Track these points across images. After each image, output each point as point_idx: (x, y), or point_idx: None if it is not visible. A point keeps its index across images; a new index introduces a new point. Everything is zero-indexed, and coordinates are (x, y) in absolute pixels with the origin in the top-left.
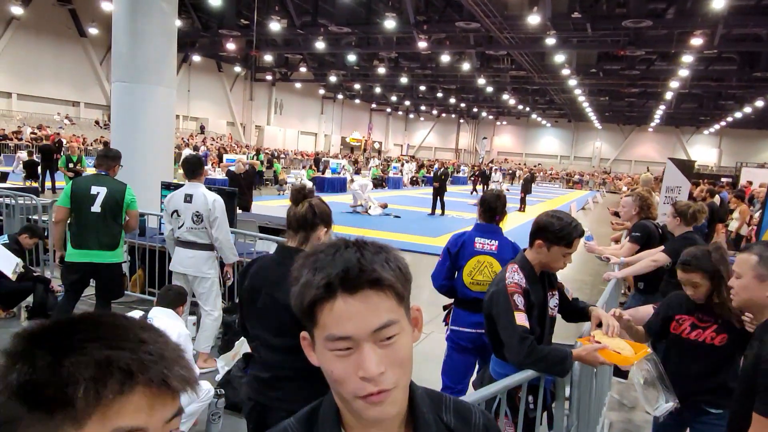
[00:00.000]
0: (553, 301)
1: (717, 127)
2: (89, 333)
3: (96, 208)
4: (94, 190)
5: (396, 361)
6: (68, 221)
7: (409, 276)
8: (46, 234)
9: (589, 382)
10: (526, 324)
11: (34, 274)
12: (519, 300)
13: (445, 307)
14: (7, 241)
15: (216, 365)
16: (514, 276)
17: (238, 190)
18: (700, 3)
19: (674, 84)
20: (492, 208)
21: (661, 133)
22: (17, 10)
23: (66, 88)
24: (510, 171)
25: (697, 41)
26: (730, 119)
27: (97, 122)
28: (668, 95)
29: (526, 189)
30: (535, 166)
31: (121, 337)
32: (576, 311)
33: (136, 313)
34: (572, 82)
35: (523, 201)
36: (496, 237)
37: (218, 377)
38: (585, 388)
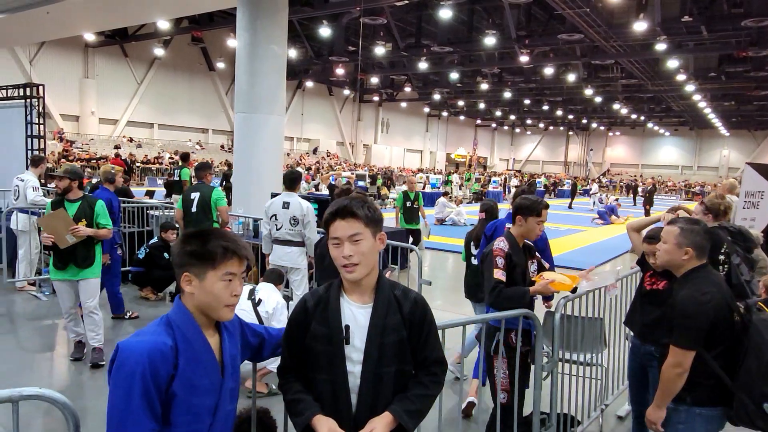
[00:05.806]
0: (533, 267)
1: None
2: (215, 236)
3: (194, 208)
4: (192, 195)
5: (358, 252)
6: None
7: (378, 216)
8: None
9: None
10: (502, 278)
11: None
12: (500, 261)
13: None
14: (157, 240)
15: None
16: (500, 244)
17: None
18: None
19: None
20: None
21: None
22: (159, 51)
23: (197, 117)
24: (621, 183)
25: None
26: None
27: (222, 146)
28: None
29: (650, 201)
30: (653, 178)
31: (227, 238)
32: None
33: (247, 287)
34: (690, 87)
35: (647, 214)
36: None
37: None
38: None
